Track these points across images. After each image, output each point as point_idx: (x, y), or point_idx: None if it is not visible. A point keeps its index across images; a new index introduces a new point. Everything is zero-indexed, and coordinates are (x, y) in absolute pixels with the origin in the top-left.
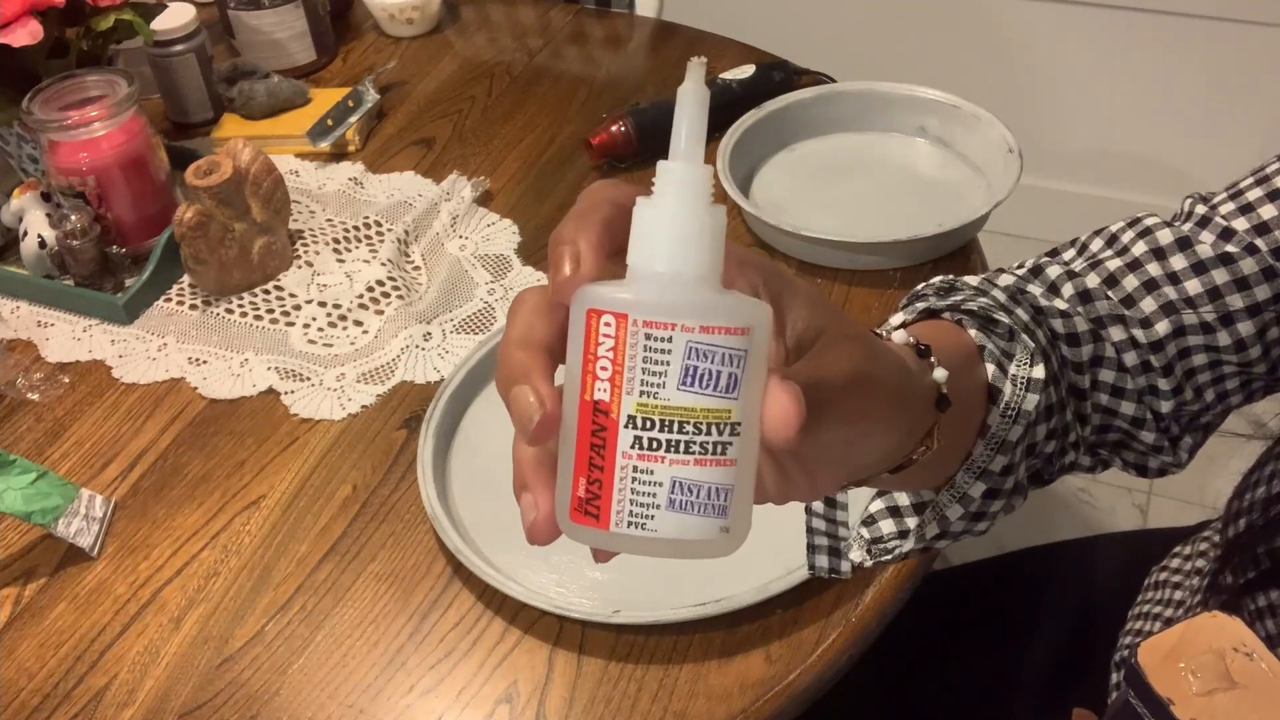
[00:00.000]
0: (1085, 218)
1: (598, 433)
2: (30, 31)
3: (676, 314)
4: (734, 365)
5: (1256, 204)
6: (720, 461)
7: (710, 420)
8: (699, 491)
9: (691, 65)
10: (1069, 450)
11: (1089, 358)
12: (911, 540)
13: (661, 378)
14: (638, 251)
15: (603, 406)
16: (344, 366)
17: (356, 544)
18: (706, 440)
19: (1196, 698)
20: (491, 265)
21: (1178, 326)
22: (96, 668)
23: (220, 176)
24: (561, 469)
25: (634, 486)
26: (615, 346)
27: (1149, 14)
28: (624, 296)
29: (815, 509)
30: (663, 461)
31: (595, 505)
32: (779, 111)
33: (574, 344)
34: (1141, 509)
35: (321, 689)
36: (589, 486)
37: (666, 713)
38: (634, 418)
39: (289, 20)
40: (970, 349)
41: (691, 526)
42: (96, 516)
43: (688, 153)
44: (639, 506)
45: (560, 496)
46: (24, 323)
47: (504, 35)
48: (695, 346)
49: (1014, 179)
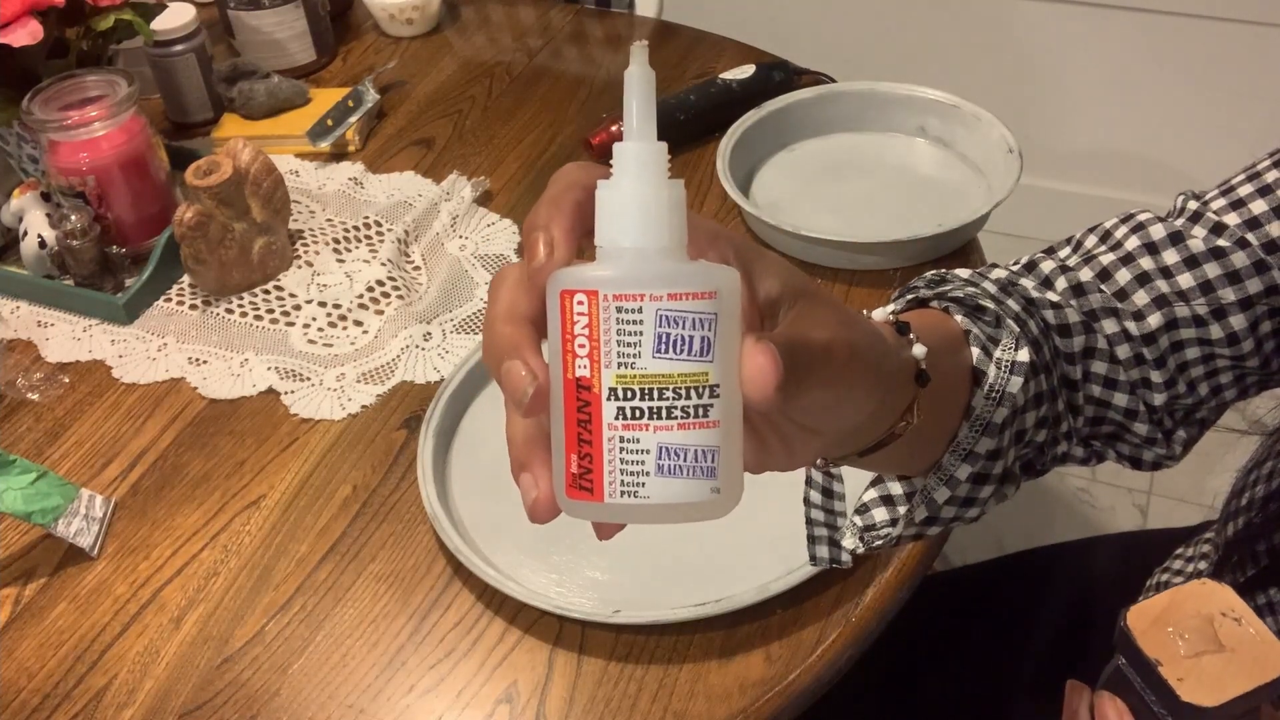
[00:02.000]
0: (1085, 218)
1: (583, 408)
2: (30, 31)
3: (643, 285)
4: (705, 329)
5: (1248, 199)
6: (703, 424)
7: (689, 384)
8: (685, 454)
9: (634, 49)
10: (1061, 440)
11: (1081, 349)
12: (902, 525)
13: (636, 348)
14: (603, 231)
15: (584, 382)
16: (344, 366)
17: (356, 544)
18: (687, 404)
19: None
20: (491, 265)
21: (1170, 319)
22: (96, 668)
23: (220, 176)
24: (554, 449)
25: (622, 456)
26: (590, 323)
27: (1149, 14)
28: (593, 274)
29: (814, 500)
30: (647, 429)
31: (589, 479)
32: (779, 111)
33: (553, 326)
34: (1141, 509)
35: (321, 689)
36: (580, 462)
37: (666, 713)
38: (615, 390)
39: (289, 20)
40: (956, 333)
41: (682, 490)
42: (96, 516)
43: (639, 132)
44: (629, 475)
45: (556, 476)
46: (24, 323)
47: (504, 35)
48: (665, 314)
49: (1014, 179)
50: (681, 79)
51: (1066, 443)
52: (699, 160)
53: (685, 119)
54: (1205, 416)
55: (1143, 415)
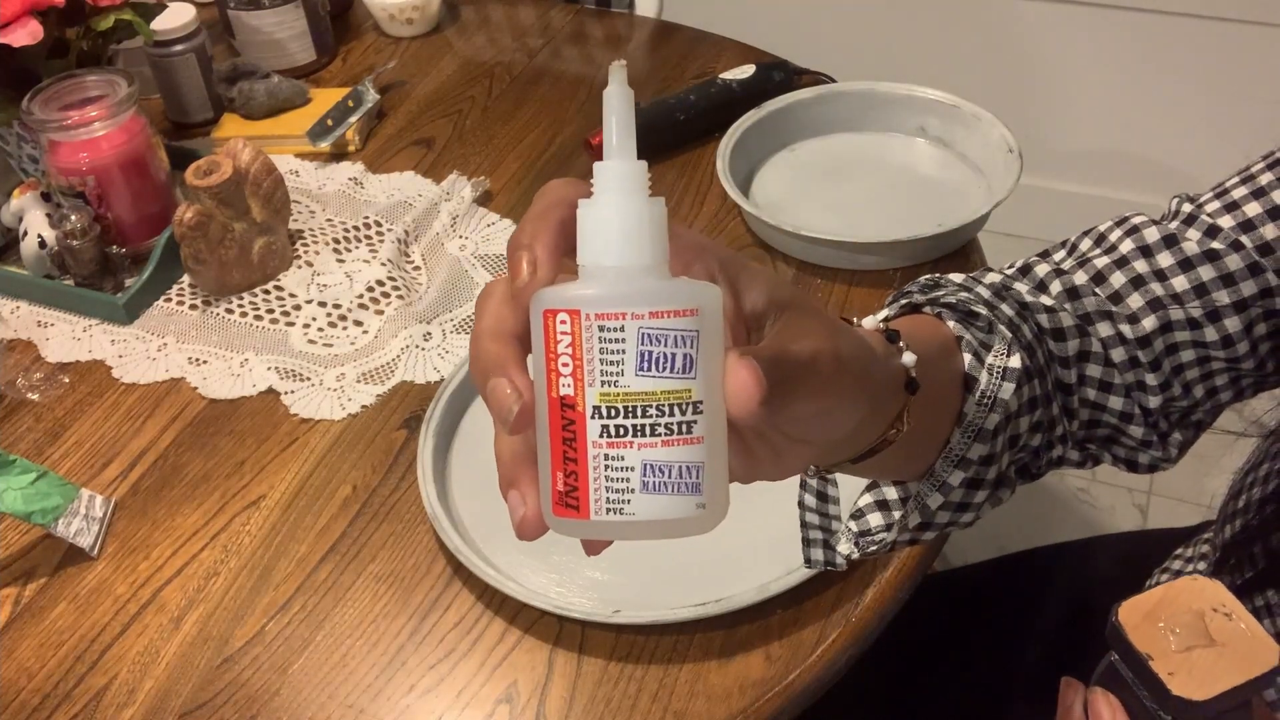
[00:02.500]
0: (1085, 218)
1: (568, 426)
2: (30, 31)
3: (626, 303)
4: (687, 346)
5: (1241, 202)
6: (687, 440)
7: (671, 401)
8: (670, 471)
9: (613, 68)
10: (1056, 444)
11: (1075, 352)
12: (896, 530)
13: (619, 366)
14: (585, 251)
15: (569, 401)
16: (344, 366)
17: (356, 544)
18: (671, 421)
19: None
20: (491, 265)
21: (1164, 322)
22: (96, 668)
23: (220, 176)
24: (541, 466)
25: (608, 474)
26: (573, 342)
27: (1149, 14)
28: (575, 294)
29: (808, 503)
30: (632, 446)
31: (574, 497)
32: (779, 111)
33: (536, 344)
34: (1141, 509)
35: (321, 689)
36: (566, 479)
37: (666, 713)
38: (599, 408)
39: (289, 20)
40: (948, 339)
41: (667, 506)
42: (96, 516)
43: (619, 150)
44: (614, 493)
45: (543, 492)
46: (24, 323)
47: (504, 35)
48: (647, 332)
49: (1014, 179)
50: (681, 79)
51: (1062, 446)
52: (699, 160)
53: (685, 119)
54: (1201, 419)
55: (1138, 418)
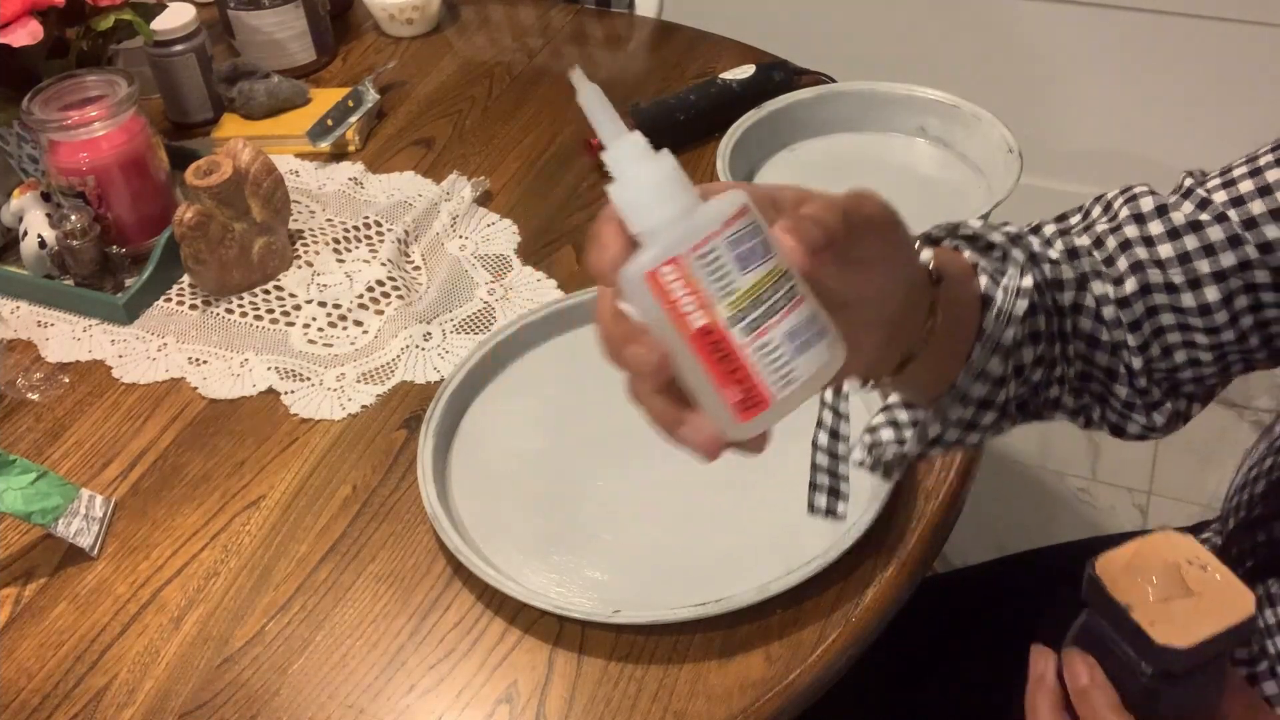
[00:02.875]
0: None
1: (718, 346)
2: (30, 31)
3: (704, 229)
4: (759, 234)
5: (1239, 180)
6: (799, 300)
7: (774, 279)
8: (803, 330)
9: (574, 78)
10: (1054, 384)
11: (1070, 304)
12: (912, 441)
13: (729, 276)
14: (636, 220)
15: (706, 329)
16: (344, 366)
17: (356, 544)
18: (780, 294)
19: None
20: (491, 265)
21: (1144, 284)
22: (96, 668)
23: (220, 176)
24: (705, 399)
25: (766, 359)
26: (686, 281)
27: (1149, 14)
28: (659, 249)
29: (820, 442)
30: (771, 329)
31: (754, 395)
32: (779, 111)
33: (652, 312)
34: (1141, 509)
35: (321, 689)
36: (739, 388)
37: (666, 713)
38: (732, 316)
39: (289, 20)
40: (966, 267)
41: (816, 355)
42: (96, 516)
43: (613, 134)
44: (779, 370)
45: (716, 417)
46: (24, 323)
47: (504, 35)
48: (731, 239)
49: (1014, 179)
50: (681, 79)
51: (1059, 387)
52: (699, 160)
53: (685, 119)
54: (1191, 391)
55: (1122, 378)
